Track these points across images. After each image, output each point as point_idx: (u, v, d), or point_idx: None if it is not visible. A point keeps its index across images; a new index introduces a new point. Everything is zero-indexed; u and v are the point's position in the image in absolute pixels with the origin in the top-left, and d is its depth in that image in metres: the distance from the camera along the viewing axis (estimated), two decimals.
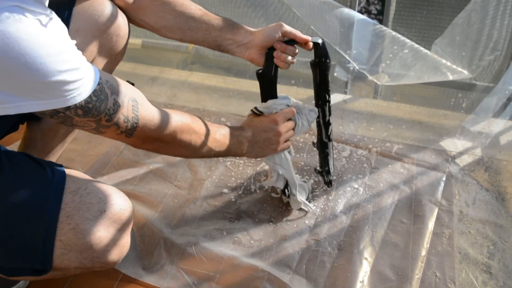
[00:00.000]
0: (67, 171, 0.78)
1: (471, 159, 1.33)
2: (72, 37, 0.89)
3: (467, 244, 1.08)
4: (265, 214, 1.16)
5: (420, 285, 0.99)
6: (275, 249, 1.07)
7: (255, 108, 1.05)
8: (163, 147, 0.86)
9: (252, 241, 1.09)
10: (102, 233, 0.75)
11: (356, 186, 1.24)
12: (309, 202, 1.18)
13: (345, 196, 1.21)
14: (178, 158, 1.34)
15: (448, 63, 1.36)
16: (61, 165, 0.79)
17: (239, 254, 1.06)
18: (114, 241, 0.76)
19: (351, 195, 1.22)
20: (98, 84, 0.69)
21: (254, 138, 1.01)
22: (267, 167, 1.30)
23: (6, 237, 0.73)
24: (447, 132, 1.44)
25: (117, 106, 0.72)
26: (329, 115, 1.09)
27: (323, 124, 1.09)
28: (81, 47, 0.91)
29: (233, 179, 1.27)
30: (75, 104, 0.66)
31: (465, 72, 1.37)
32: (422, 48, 1.36)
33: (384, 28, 1.39)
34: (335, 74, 1.63)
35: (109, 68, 1.01)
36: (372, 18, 1.56)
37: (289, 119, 1.05)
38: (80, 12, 0.90)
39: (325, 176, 1.17)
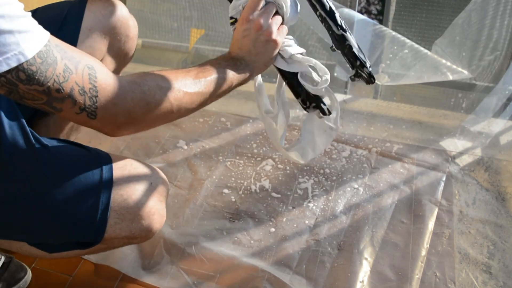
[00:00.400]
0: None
1: (471, 159, 1.33)
2: (85, 35, 0.91)
3: (467, 244, 1.08)
4: (265, 214, 1.16)
5: (420, 285, 0.99)
6: (275, 249, 1.07)
7: (229, 17, 0.89)
8: (143, 123, 0.73)
9: (252, 241, 1.09)
10: (150, 203, 0.80)
11: (356, 186, 1.24)
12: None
13: (345, 196, 1.21)
14: (177, 158, 1.34)
15: (448, 63, 1.36)
16: (96, 148, 0.82)
17: (239, 254, 1.06)
18: (158, 211, 0.82)
19: (351, 195, 1.22)
20: (45, 46, 0.60)
21: (241, 51, 0.85)
22: (267, 167, 1.30)
23: (63, 212, 0.75)
24: (447, 132, 1.44)
25: (68, 72, 0.62)
26: (328, 1, 0.91)
27: (327, 15, 0.91)
28: (93, 45, 0.92)
29: (233, 179, 1.27)
30: (17, 66, 0.57)
31: (465, 72, 1.37)
32: (422, 48, 1.36)
33: (384, 28, 1.39)
34: (335, 74, 1.63)
35: (117, 69, 1.02)
36: (372, 18, 1.56)
37: (269, 6, 0.86)
38: (92, 10, 0.91)
39: (362, 73, 0.94)
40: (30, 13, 0.60)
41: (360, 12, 1.56)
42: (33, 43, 0.58)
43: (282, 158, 1.33)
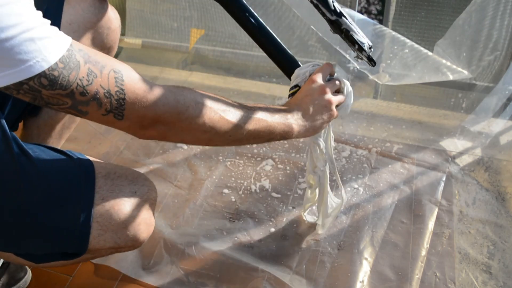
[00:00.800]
0: (90, 158, 0.80)
1: (471, 159, 1.33)
2: (65, 30, 0.87)
3: (467, 244, 1.08)
4: (265, 214, 1.16)
5: (420, 285, 0.99)
6: (275, 249, 1.07)
7: (290, 88, 0.90)
8: (171, 132, 0.71)
9: (252, 241, 1.09)
10: (134, 212, 0.78)
11: (356, 186, 1.24)
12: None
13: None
14: (178, 158, 1.34)
15: (449, 63, 1.36)
16: (81, 154, 0.80)
17: (239, 254, 1.06)
18: (144, 220, 0.79)
19: (351, 195, 1.22)
20: (68, 50, 0.59)
21: (298, 107, 0.84)
22: (267, 167, 1.30)
23: (43, 224, 0.74)
24: (447, 132, 1.44)
25: (93, 76, 0.61)
26: None
27: (319, 2, 0.91)
28: (74, 39, 0.91)
29: (233, 179, 1.27)
30: (39, 73, 0.57)
31: (465, 72, 1.37)
32: (422, 48, 1.36)
33: (384, 28, 1.39)
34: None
35: None
36: (372, 18, 1.56)
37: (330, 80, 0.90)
38: (71, 4, 0.90)
39: (362, 56, 0.96)
40: (49, 21, 0.59)
41: (360, 12, 1.56)
42: (55, 49, 0.58)
43: (282, 158, 1.33)
